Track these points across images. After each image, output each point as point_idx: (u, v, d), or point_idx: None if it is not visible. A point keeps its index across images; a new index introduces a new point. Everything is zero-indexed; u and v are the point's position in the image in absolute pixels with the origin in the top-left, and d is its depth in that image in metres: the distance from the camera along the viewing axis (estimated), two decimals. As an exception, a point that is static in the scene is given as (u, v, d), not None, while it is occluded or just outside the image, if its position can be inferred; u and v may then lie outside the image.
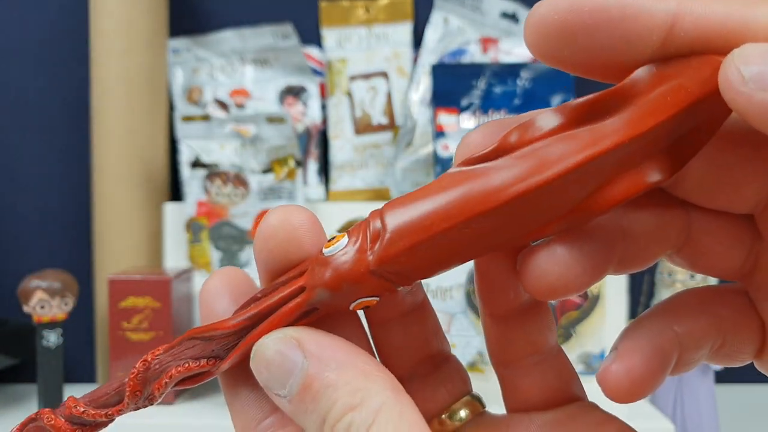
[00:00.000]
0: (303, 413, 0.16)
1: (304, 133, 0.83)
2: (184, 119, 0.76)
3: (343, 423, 0.15)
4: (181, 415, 0.60)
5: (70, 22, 0.84)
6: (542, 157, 0.15)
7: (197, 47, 0.82)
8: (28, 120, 0.85)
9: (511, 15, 0.82)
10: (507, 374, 0.20)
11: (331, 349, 0.16)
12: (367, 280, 0.16)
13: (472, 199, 0.15)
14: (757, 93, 0.14)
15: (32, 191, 0.86)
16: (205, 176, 0.76)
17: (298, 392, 0.16)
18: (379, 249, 0.16)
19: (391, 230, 0.16)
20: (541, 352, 0.19)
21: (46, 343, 0.65)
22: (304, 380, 0.16)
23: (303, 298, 0.17)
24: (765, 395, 0.82)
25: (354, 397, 0.16)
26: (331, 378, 0.16)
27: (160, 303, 0.61)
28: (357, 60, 0.84)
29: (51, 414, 0.18)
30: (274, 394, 0.17)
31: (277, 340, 0.17)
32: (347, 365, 0.16)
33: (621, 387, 0.17)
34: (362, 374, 0.16)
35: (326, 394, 0.16)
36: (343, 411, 0.15)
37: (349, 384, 0.16)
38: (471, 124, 0.76)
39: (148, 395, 0.18)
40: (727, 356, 0.19)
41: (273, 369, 0.16)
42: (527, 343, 0.19)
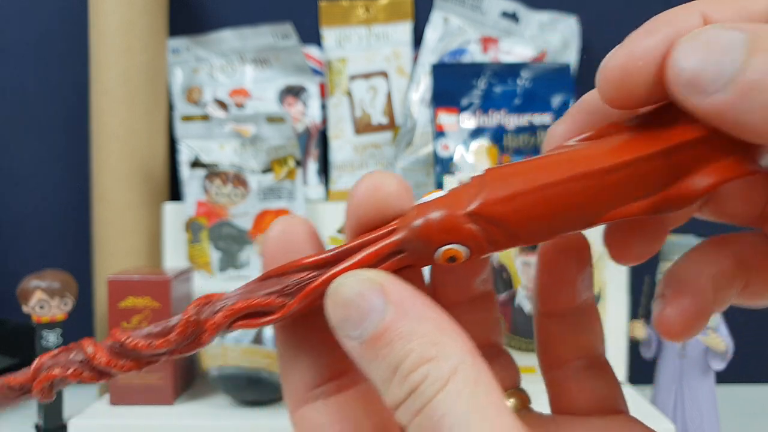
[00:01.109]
0: (373, 358, 0.16)
1: (304, 133, 0.82)
2: (183, 119, 0.76)
3: (418, 373, 0.15)
4: (181, 415, 0.60)
5: (70, 21, 0.84)
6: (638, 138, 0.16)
7: (197, 47, 0.82)
8: (27, 120, 0.85)
9: (511, 15, 0.82)
10: (555, 376, 0.20)
11: (412, 300, 0.16)
12: (462, 223, 0.16)
13: (575, 161, 0.16)
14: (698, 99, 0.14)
15: (31, 191, 0.86)
16: (204, 176, 0.76)
17: (373, 336, 0.16)
18: (480, 193, 0.16)
19: (493, 179, 0.16)
20: (590, 356, 0.20)
21: (46, 343, 0.65)
22: (382, 325, 0.16)
23: (392, 240, 0.17)
24: (765, 395, 0.82)
25: (431, 349, 0.15)
26: (410, 327, 0.15)
27: (159, 303, 0.60)
28: (357, 60, 0.84)
29: (93, 343, 0.18)
30: (344, 335, 0.16)
31: (359, 281, 0.16)
32: (427, 318, 0.16)
33: (677, 327, 0.18)
34: (441, 330, 0.16)
35: (403, 342, 0.15)
36: (419, 362, 0.15)
37: (428, 336, 0.15)
38: (471, 124, 0.76)
39: (198, 333, 0.18)
40: (753, 295, 0.20)
41: (350, 309, 0.16)
42: (577, 346, 0.20)
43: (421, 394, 0.15)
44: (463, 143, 0.75)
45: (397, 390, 0.15)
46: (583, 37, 0.83)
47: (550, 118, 0.75)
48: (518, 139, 0.75)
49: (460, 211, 0.16)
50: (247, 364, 0.59)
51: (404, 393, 0.15)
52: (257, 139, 0.76)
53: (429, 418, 0.15)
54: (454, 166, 0.75)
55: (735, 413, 0.71)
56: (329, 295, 0.17)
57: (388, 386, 0.16)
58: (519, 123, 0.75)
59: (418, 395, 0.15)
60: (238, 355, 0.59)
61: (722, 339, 0.62)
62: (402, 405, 0.15)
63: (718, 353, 0.62)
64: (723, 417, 0.65)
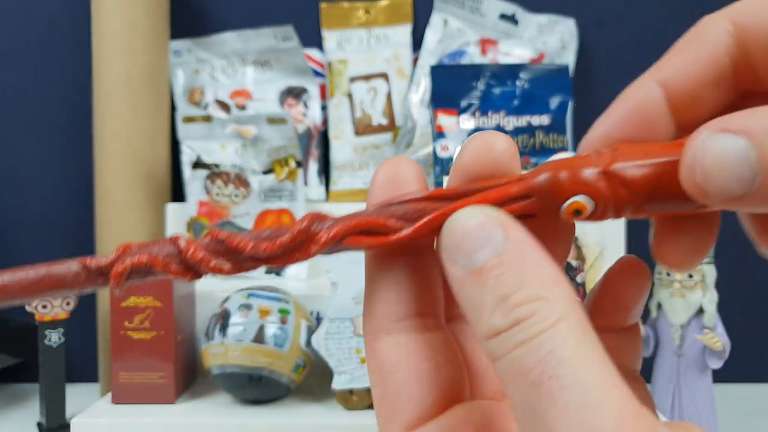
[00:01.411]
0: (479, 286, 0.16)
1: (305, 134, 0.83)
2: (185, 120, 0.76)
3: (529, 307, 0.15)
4: (183, 413, 0.61)
5: (72, 23, 0.84)
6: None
7: (198, 49, 0.83)
8: (29, 121, 0.86)
9: (510, 16, 0.82)
10: None
11: (533, 246, 0.16)
12: (595, 179, 0.17)
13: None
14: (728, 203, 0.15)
15: (34, 191, 0.86)
16: (206, 177, 0.76)
17: (486, 265, 0.16)
18: (616, 158, 0.17)
19: (625, 150, 0.17)
20: (627, 373, 0.20)
21: (48, 342, 0.66)
22: (499, 256, 0.16)
23: (522, 183, 0.17)
24: (764, 395, 0.83)
25: (544, 290, 0.15)
26: (527, 266, 0.16)
27: (161, 302, 0.61)
28: (357, 61, 0.84)
29: (187, 239, 0.18)
30: (452, 262, 0.16)
31: (483, 213, 0.17)
32: (543, 264, 0.16)
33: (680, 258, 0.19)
34: (555, 277, 0.16)
35: (517, 276, 0.15)
36: (531, 297, 0.15)
37: (542, 279, 0.15)
38: (470, 125, 0.76)
39: (307, 242, 0.18)
40: None
41: (467, 238, 0.16)
42: (618, 361, 0.20)
43: (529, 326, 0.15)
44: (462, 144, 0.75)
45: (501, 319, 0.15)
46: (581, 39, 0.83)
47: (549, 119, 0.76)
48: (517, 139, 0.76)
49: (591, 164, 0.17)
50: (249, 363, 0.59)
51: (509, 322, 0.15)
52: (258, 140, 0.76)
53: (534, 351, 0.15)
54: (454, 166, 0.75)
55: (732, 412, 0.71)
56: (450, 223, 0.17)
57: (489, 314, 0.16)
58: (518, 124, 0.76)
59: (525, 327, 0.15)
60: (239, 354, 0.59)
61: (719, 338, 0.62)
62: (503, 334, 0.15)
63: (716, 352, 0.62)
64: (720, 415, 0.65)
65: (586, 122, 0.91)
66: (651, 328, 0.66)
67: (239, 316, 0.60)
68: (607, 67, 0.85)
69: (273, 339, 0.60)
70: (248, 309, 0.61)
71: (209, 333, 0.62)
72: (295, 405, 0.63)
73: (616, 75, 0.85)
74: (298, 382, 0.63)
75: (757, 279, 0.86)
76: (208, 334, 0.62)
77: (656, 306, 0.66)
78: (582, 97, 0.82)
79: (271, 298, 0.62)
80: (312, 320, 0.64)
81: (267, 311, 0.61)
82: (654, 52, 0.89)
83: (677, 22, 0.85)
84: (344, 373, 0.60)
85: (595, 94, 0.85)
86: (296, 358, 0.61)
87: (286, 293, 0.64)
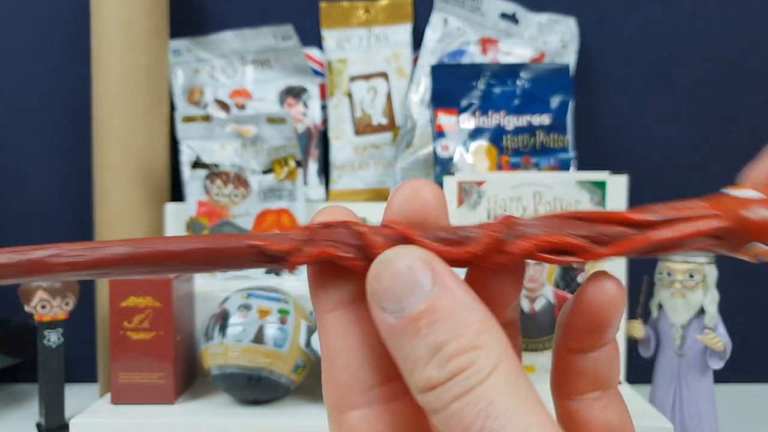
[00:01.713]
0: (411, 336, 0.15)
1: (305, 134, 0.83)
2: (184, 120, 0.76)
3: (465, 358, 0.15)
4: (183, 414, 0.60)
5: (71, 22, 0.84)
6: None
7: (198, 48, 0.83)
8: (29, 121, 0.86)
9: (510, 16, 0.82)
10: (568, 406, 0.20)
11: (462, 289, 0.16)
12: None
13: None
14: None
15: (33, 191, 0.86)
16: (205, 176, 0.76)
17: (416, 314, 0.15)
18: None
19: None
20: (605, 388, 0.20)
21: (47, 342, 0.66)
22: (429, 304, 0.15)
23: (716, 224, 0.17)
24: (765, 395, 0.82)
25: (477, 338, 0.15)
26: (458, 313, 0.15)
27: (161, 303, 0.61)
28: (357, 61, 0.84)
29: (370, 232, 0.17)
30: (378, 307, 0.16)
31: (411, 256, 0.16)
32: (474, 308, 0.16)
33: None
34: (487, 321, 0.16)
35: (449, 325, 0.15)
36: (466, 347, 0.15)
37: (475, 326, 0.15)
38: (470, 125, 0.76)
39: (497, 253, 0.17)
40: None
41: (396, 282, 0.16)
42: (595, 380, 0.20)
43: (466, 379, 0.15)
44: (462, 144, 0.75)
45: (436, 372, 0.15)
46: (582, 39, 0.83)
47: (549, 119, 0.76)
48: (517, 139, 0.75)
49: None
50: (248, 364, 0.59)
51: (445, 376, 0.15)
52: (258, 140, 0.76)
53: (472, 404, 0.15)
54: (454, 166, 0.75)
55: (733, 412, 0.71)
56: (375, 265, 0.16)
57: (423, 367, 0.15)
58: (518, 124, 0.76)
59: (462, 380, 0.15)
60: (239, 354, 0.59)
61: (720, 338, 0.62)
62: (439, 388, 0.15)
63: (717, 352, 0.62)
64: (721, 416, 0.65)
65: (586, 122, 0.91)
66: (652, 329, 0.66)
67: (239, 317, 0.60)
68: (607, 66, 0.85)
69: (272, 339, 0.60)
70: (248, 309, 0.61)
71: (209, 333, 0.61)
72: (295, 405, 0.62)
73: (617, 74, 0.85)
74: (298, 382, 0.62)
75: (758, 279, 0.85)
76: (207, 335, 0.62)
77: (657, 306, 0.66)
78: (583, 97, 0.82)
79: (270, 298, 0.62)
80: (312, 320, 0.64)
81: (266, 311, 0.61)
82: (654, 51, 0.89)
83: (677, 21, 0.84)
84: (344, 374, 0.60)
85: (596, 94, 0.85)
86: (296, 358, 0.61)
87: (285, 293, 0.64)
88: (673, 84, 0.85)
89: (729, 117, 0.85)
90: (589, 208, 0.65)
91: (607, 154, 0.84)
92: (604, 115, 0.85)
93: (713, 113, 0.85)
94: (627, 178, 0.65)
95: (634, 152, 0.85)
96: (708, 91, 0.85)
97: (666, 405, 0.64)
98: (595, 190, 0.65)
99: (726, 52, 0.84)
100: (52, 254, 0.16)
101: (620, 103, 0.85)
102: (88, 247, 0.16)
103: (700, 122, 0.85)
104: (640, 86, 0.85)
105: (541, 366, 0.66)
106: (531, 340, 0.65)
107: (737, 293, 0.73)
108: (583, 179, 0.65)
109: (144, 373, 0.61)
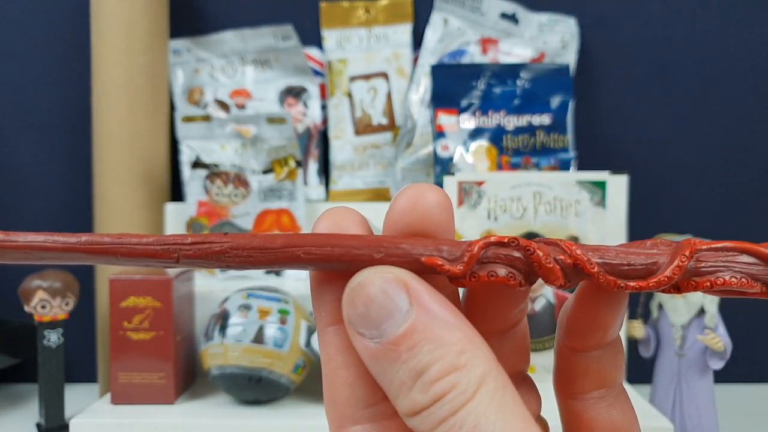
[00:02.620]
0: (392, 361, 0.15)
1: (305, 134, 0.83)
2: (184, 120, 0.76)
3: (446, 381, 0.15)
4: (182, 414, 0.60)
5: (71, 22, 0.84)
6: None
7: (198, 48, 0.82)
8: (29, 121, 0.86)
9: (510, 16, 0.82)
10: (573, 405, 0.20)
11: (440, 306, 0.15)
12: None
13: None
14: None
15: (33, 191, 0.86)
16: (205, 176, 0.76)
17: (395, 338, 0.15)
18: None
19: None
20: (609, 387, 0.20)
21: (47, 342, 0.65)
22: (407, 328, 0.15)
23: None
24: (765, 395, 0.82)
25: (460, 358, 0.15)
26: (437, 333, 0.15)
27: (161, 303, 0.61)
28: (357, 61, 0.84)
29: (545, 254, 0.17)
30: (356, 333, 0.16)
31: (383, 278, 0.16)
32: (454, 326, 0.15)
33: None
34: (468, 338, 0.15)
35: (429, 348, 0.15)
36: (448, 369, 0.15)
37: (456, 345, 0.15)
38: (470, 125, 0.76)
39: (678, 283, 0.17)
40: None
41: (371, 307, 0.15)
42: (599, 378, 0.19)
43: (449, 402, 0.15)
44: (462, 144, 0.75)
45: (420, 396, 0.15)
46: (582, 38, 0.83)
47: (550, 119, 0.76)
48: (517, 139, 0.75)
49: None
50: (248, 364, 0.59)
51: (429, 400, 0.15)
52: (258, 140, 0.76)
53: (458, 426, 0.14)
54: (454, 166, 0.75)
55: (733, 413, 0.71)
56: (348, 290, 0.16)
57: (407, 392, 0.15)
58: (518, 124, 0.76)
59: (445, 403, 0.15)
60: (238, 354, 0.59)
61: (720, 338, 0.62)
62: (424, 412, 0.15)
63: (717, 353, 0.62)
64: (721, 416, 0.65)
65: (587, 122, 0.91)
66: (652, 329, 0.66)
67: (239, 317, 0.60)
68: (608, 66, 0.85)
69: (272, 339, 0.60)
70: (248, 309, 0.61)
71: (208, 333, 0.61)
72: (295, 406, 0.62)
73: (617, 74, 0.85)
74: (298, 382, 0.62)
75: (758, 279, 0.85)
76: (207, 335, 0.62)
77: (657, 306, 0.66)
78: (583, 97, 0.82)
79: (270, 298, 0.62)
80: (312, 320, 0.64)
81: (266, 311, 0.61)
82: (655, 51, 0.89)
83: (678, 21, 0.84)
84: (344, 374, 0.59)
85: (596, 94, 0.85)
86: (296, 358, 0.61)
87: (285, 293, 0.64)
88: (673, 84, 0.85)
89: (729, 117, 0.85)
90: (589, 208, 0.65)
91: (607, 154, 0.84)
92: (604, 115, 0.85)
93: (713, 113, 0.85)
94: (627, 178, 0.65)
95: (634, 152, 0.85)
96: (708, 91, 0.85)
97: (666, 405, 0.64)
98: (595, 190, 0.65)
99: (726, 52, 0.84)
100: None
101: (620, 103, 0.85)
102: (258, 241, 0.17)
103: (700, 122, 0.85)
104: (640, 86, 0.85)
105: (542, 366, 0.66)
106: (531, 341, 0.65)
107: (737, 293, 0.72)
108: (583, 179, 0.65)
109: (144, 373, 0.61)
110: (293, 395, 0.64)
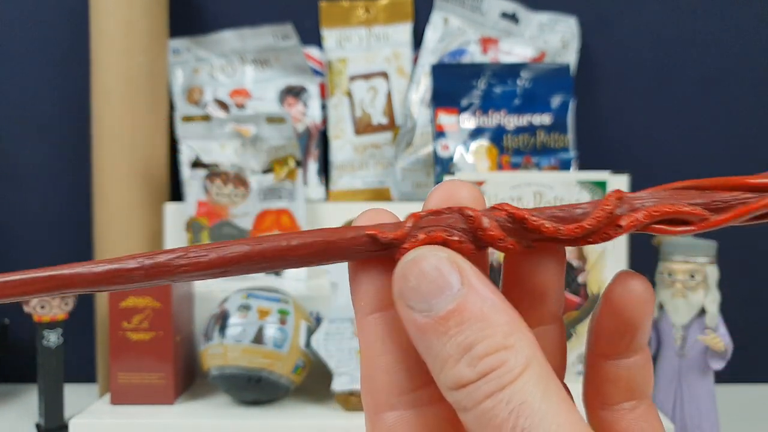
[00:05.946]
0: (440, 335, 0.16)
1: (304, 133, 0.83)
2: (184, 119, 0.76)
3: (495, 358, 0.15)
4: (182, 414, 0.60)
5: (71, 22, 0.84)
6: None
7: (197, 47, 0.82)
8: (28, 121, 0.86)
9: (510, 15, 0.82)
10: (604, 416, 0.20)
11: (489, 289, 0.16)
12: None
13: None
14: None
15: (33, 191, 0.86)
16: (205, 176, 0.76)
17: (445, 313, 0.16)
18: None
19: None
20: (639, 398, 0.20)
21: (47, 343, 0.65)
22: (458, 304, 0.16)
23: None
24: (765, 395, 0.82)
25: (508, 338, 0.15)
26: (487, 313, 0.15)
27: (160, 303, 0.61)
28: (357, 60, 0.84)
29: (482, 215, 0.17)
30: (406, 306, 0.16)
31: (437, 257, 0.16)
32: (502, 309, 0.16)
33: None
34: (515, 322, 0.16)
35: (479, 325, 0.15)
36: (496, 347, 0.15)
37: (504, 326, 0.15)
38: (471, 124, 0.76)
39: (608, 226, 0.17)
40: None
41: (423, 282, 0.16)
42: (629, 388, 0.19)
43: (496, 378, 0.15)
44: (462, 143, 0.75)
45: (467, 370, 0.15)
46: (583, 38, 0.83)
47: (550, 119, 0.75)
48: (518, 139, 0.75)
49: None
50: (248, 364, 0.59)
51: (475, 375, 0.15)
52: (257, 140, 0.76)
53: (505, 402, 0.15)
54: (454, 166, 0.75)
55: (734, 413, 0.71)
56: (400, 265, 0.16)
57: (453, 364, 0.15)
58: (518, 123, 0.76)
59: (492, 379, 0.15)
60: (238, 354, 0.59)
61: (721, 339, 0.62)
62: (470, 386, 0.15)
63: (718, 353, 0.62)
64: (722, 416, 0.65)
65: (587, 121, 0.91)
66: (653, 329, 0.66)
67: (238, 317, 0.60)
68: (608, 66, 0.85)
69: (272, 340, 0.59)
70: (247, 309, 0.60)
71: (208, 334, 0.61)
72: (295, 406, 0.62)
73: (618, 74, 0.85)
74: (298, 383, 0.62)
75: (759, 279, 0.85)
76: (207, 335, 0.61)
77: (658, 306, 0.66)
78: (583, 96, 0.82)
79: (270, 298, 0.62)
80: (312, 321, 0.64)
81: (266, 312, 0.60)
82: (655, 51, 0.89)
83: (678, 21, 0.84)
84: (344, 375, 0.59)
85: (597, 93, 0.85)
86: (296, 359, 0.60)
87: (285, 294, 0.63)
88: (673, 84, 0.85)
89: (729, 117, 0.85)
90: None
91: (607, 154, 0.84)
92: (604, 115, 0.85)
93: (713, 113, 0.85)
94: (627, 178, 0.65)
95: (635, 152, 0.85)
96: (708, 91, 0.85)
97: (666, 405, 0.64)
98: (596, 190, 0.65)
99: (726, 52, 0.84)
100: (177, 257, 0.17)
101: (620, 103, 0.85)
102: (211, 247, 0.17)
103: (700, 122, 0.85)
104: (640, 86, 0.85)
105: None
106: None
107: (738, 293, 0.72)
108: (583, 179, 0.65)
109: (143, 373, 0.61)
110: (293, 395, 0.64)
